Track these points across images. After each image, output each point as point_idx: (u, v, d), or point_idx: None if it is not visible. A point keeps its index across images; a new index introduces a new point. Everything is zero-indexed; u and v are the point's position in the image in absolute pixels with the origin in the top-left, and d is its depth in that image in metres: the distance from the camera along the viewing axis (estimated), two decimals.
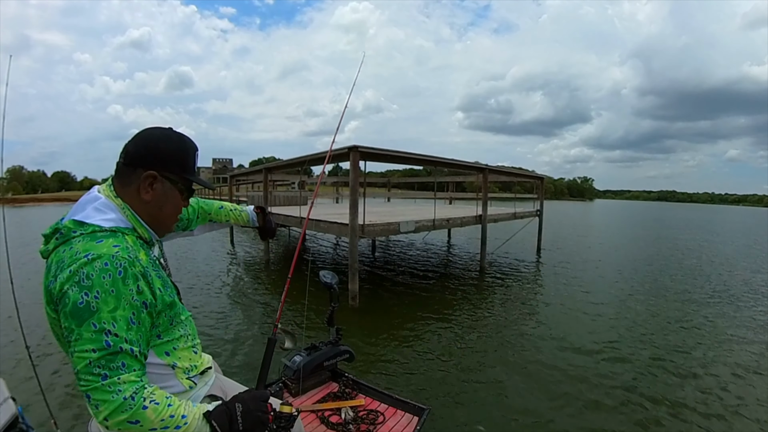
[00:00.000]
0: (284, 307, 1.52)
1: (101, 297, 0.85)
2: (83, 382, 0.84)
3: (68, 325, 0.84)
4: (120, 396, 0.84)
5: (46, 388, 2.09)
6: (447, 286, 7.31)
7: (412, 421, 2.08)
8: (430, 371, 3.75)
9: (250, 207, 1.66)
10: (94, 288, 0.84)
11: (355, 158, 5.52)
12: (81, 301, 0.83)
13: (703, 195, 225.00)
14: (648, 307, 6.08)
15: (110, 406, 0.84)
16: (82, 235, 0.90)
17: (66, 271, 0.85)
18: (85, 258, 0.86)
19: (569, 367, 3.85)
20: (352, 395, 2.31)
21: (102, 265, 0.86)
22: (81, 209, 0.96)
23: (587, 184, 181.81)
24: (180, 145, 1.05)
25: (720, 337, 4.83)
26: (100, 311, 0.84)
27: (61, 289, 0.84)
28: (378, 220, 6.30)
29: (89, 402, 0.85)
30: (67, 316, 0.84)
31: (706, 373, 3.84)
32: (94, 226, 0.92)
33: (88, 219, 0.93)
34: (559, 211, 38.27)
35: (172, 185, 1.04)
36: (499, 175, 12.21)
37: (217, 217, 1.54)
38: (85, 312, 0.83)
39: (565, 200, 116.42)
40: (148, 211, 1.02)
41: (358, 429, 2.01)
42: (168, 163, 1.02)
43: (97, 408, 0.85)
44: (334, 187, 18.39)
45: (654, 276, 8.58)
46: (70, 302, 0.84)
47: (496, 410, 3.11)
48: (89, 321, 0.83)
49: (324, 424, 2.05)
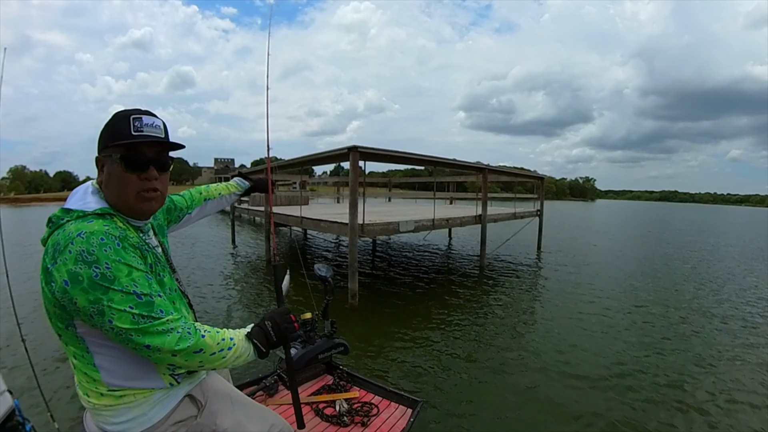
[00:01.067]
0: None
1: (113, 266, 0.89)
2: (136, 336, 0.89)
3: (94, 298, 0.87)
4: (175, 332, 0.93)
5: (42, 382, 2.10)
6: (446, 285, 7.34)
7: (406, 413, 2.12)
8: (427, 367, 3.79)
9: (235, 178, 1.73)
10: (102, 261, 0.88)
11: (354, 158, 5.56)
12: (95, 274, 0.87)
13: (705, 195, 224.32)
14: (649, 309, 6.10)
15: (170, 343, 0.91)
16: (69, 221, 0.94)
17: (66, 253, 0.88)
18: (79, 236, 0.89)
19: (565, 365, 3.89)
20: (347, 388, 2.34)
21: (99, 240, 0.90)
22: (70, 198, 1.01)
23: (589, 184, 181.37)
24: (110, 120, 1.01)
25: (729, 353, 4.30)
26: (117, 278, 0.89)
27: (69, 270, 0.87)
28: (378, 219, 6.35)
29: (151, 353, 0.92)
30: (88, 290, 0.87)
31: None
32: (78, 212, 0.96)
33: (73, 206, 0.98)
34: (560, 212, 38.23)
35: (110, 161, 1.00)
36: (499, 176, 12.24)
37: (208, 193, 1.58)
38: (104, 281, 0.88)
39: (566, 200, 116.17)
40: (107, 194, 1.02)
41: (353, 421, 2.04)
42: (102, 141, 1.01)
43: (159, 351, 0.92)
44: (335, 187, 18.44)
45: (656, 277, 8.58)
46: (84, 278, 0.87)
47: (489, 406, 3.14)
48: (112, 287, 0.88)
49: (319, 416, 2.07)
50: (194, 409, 1.10)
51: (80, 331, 0.94)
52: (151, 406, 1.02)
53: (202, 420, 1.10)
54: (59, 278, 0.88)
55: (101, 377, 0.98)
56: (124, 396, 0.99)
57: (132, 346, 0.92)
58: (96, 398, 0.99)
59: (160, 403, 1.04)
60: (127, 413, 1.00)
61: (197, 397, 1.12)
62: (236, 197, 1.70)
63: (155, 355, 0.93)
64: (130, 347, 0.92)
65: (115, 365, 0.98)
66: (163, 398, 1.05)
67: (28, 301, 5.08)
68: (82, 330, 0.95)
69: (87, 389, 1.00)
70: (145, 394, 1.02)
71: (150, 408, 1.02)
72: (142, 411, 1.01)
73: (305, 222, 7.16)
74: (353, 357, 3.97)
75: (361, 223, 5.66)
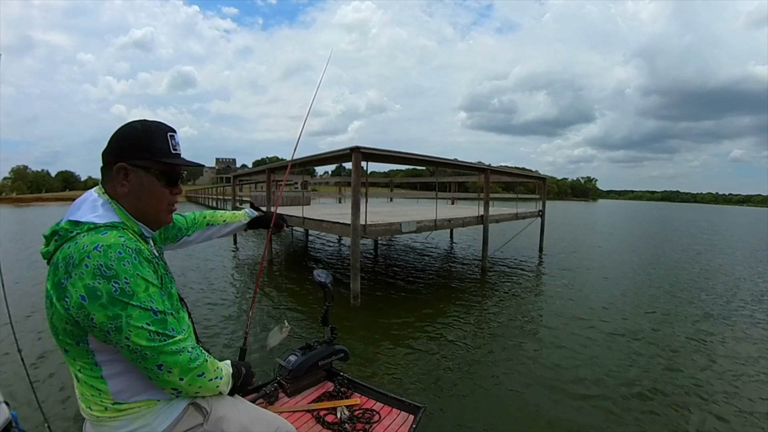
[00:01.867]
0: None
1: (132, 281, 0.89)
2: (150, 354, 0.90)
3: (113, 314, 0.87)
4: (185, 351, 0.95)
5: (39, 393, 2.06)
6: (449, 286, 7.34)
7: (408, 420, 2.10)
8: (430, 370, 3.78)
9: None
10: (121, 275, 0.87)
11: (357, 159, 5.56)
12: (114, 289, 0.86)
13: (707, 195, 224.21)
14: (657, 317, 6.06)
15: (182, 363, 0.93)
16: (79, 234, 0.92)
17: (81, 267, 0.86)
18: (95, 249, 0.87)
19: (568, 370, 3.86)
20: (348, 394, 2.31)
21: (117, 254, 0.88)
22: (76, 209, 0.98)
23: (590, 184, 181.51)
24: (143, 131, 1.02)
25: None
26: (136, 294, 0.89)
27: (87, 285, 0.85)
28: (380, 220, 6.34)
29: (160, 373, 0.93)
30: (107, 306, 0.86)
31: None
32: (88, 224, 0.94)
33: (83, 218, 0.96)
34: (561, 212, 38.19)
35: (145, 173, 1.01)
36: (500, 176, 12.23)
37: (213, 219, 1.56)
38: (124, 296, 0.87)
39: (568, 200, 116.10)
40: (130, 203, 1.02)
41: (354, 428, 2.02)
42: (133, 152, 1.00)
43: (170, 372, 0.93)
44: (337, 188, 18.45)
45: (659, 280, 8.56)
46: (104, 293, 0.86)
47: (492, 411, 3.13)
48: (131, 302, 0.88)
49: (320, 423, 2.05)
50: (200, 417, 1.09)
51: (92, 347, 0.93)
52: (154, 416, 1.01)
53: (209, 427, 1.10)
54: (75, 293, 0.86)
55: (108, 388, 0.96)
56: (129, 408, 0.98)
57: (144, 365, 0.92)
58: (99, 411, 0.98)
59: (163, 413, 1.03)
60: (129, 424, 0.99)
61: (202, 404, 1.11)
62: (242, 226, 1.66)
63: (164, 377, 0.93)
64: (141, 366, 0.92)
65: (123, 377, 0.97)
66: (167, 408, 1.04)
67: (25, 310, 5.02)
68: (95, 345, 0.93)
69: (91, 402, 0.98)
70: (149, 405, 1.00)
71: (153, 418, 1.01)
72: (145, 421, 1.00)
73: (307, 222, 7.16)
74: (357, 357, 3.96)
75: (364, 224, 5.65)
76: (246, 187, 18.73)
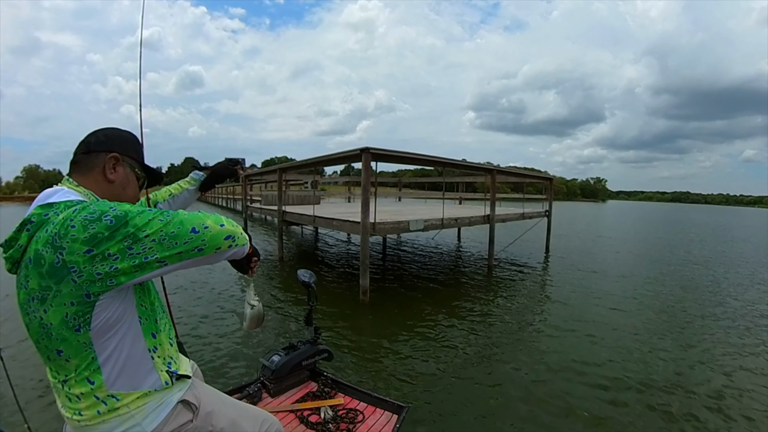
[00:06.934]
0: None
1: (117, 207, 0.89)
2: (173, 227, 0.89)
3: (121, 236, 0.85)
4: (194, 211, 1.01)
5: (19, 393, 2.00)
6: (455, 284, 7.47)
7: (392, 419, 2.10)
8: (434, 367, 3.84)
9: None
10: (106, 209, 0.87)
11: (366, 159, 5.71)
12: (109, 220, 0.85)
13: (717, 196, 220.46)
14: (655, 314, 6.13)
15: (210, 216, 0.96)
16: (55, 213, 0.89)
17: (69, 233, 0.84)
18: (74, 212, 0.86)
19: (567, 375, 3.77)
20: (332, 394, 2.31)
21: (96, 206, 0.88)
22: (47, 197, 0.96)
23: (600, 184, 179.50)
24: (131, 135, 1.16)
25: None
26: (127, 211, 0.88)
27: (84, 239, 0.83)
28: (389, 218, 6.51)
29: (198, 234, 0.91)
30: (113, 235, 0.84)
31: None
32: (64, 202, 0.93)
33: (56, 200, 0.94)
34: (568, 214, 37.76)
35: (131, 170, 1.11)
36: (507, 176, 12.31)
37: (158, 197, 1.52)
38: (119, 220, 0.85)
39: (577, 201, 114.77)
40: (113, 192, 1.05)
41: (338, 428, 2.01)
42: (127, 147, 1.11)
43: (208, 228, 0.93)
44: (347, 187, 18.61)
45: (663, 282, 8.55)
46: (103, 230, 0.84)
47: (493, 413, 3.07)
48: (128, 217, 0.86)
49: (303, 423, 2.05)
50: (189, 414, 1.09)
51: (94, 323, 0.89)
52: (144, 416, 0.99)
53: (198, 423, 1.10)
54: (78, 257, 0.83)
55: (103, 377, 0.93)
56: (118, 408, 0.96)
57: (182, 241, 0.89)
58: (89, 414, 0.95)
59: (153, 412, 1.01)
60: (119, 426, 0.96)
61: (191, 401, 1.09)
62: (193, 192, 1.58)
63: (209, 234, 0.92)
64: (181, 243, 0.89)
65: (118, 363, 0.95)
66: (156, 406, 1.02)
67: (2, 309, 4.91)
68: (98, 320, 0.89)
69: (79, 405, 0.95)
70: (138, 404, 0.98)
71: (143, 418, 0.99)
72: (135, 422, 0.98)
73: (318, 221, 7.35)
74: (362, 351, 4.12)
75: (373, 222, 5.82)
76: (256, 186, 18.95)
